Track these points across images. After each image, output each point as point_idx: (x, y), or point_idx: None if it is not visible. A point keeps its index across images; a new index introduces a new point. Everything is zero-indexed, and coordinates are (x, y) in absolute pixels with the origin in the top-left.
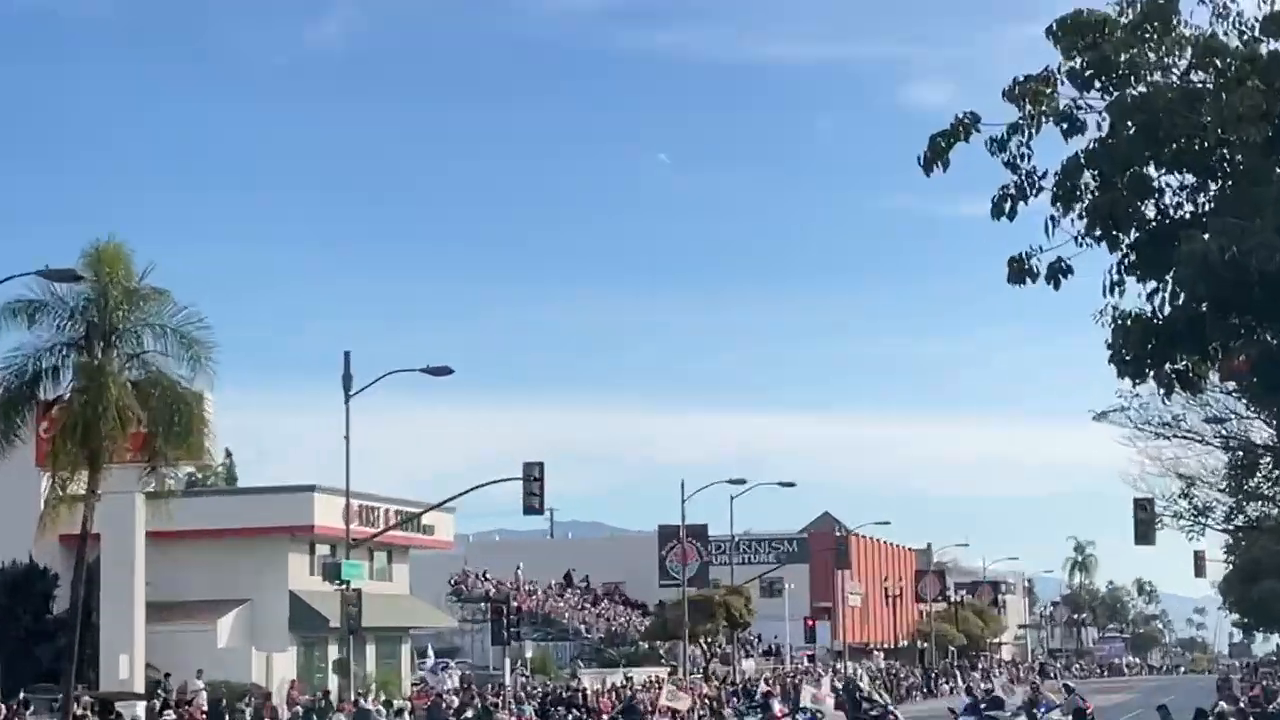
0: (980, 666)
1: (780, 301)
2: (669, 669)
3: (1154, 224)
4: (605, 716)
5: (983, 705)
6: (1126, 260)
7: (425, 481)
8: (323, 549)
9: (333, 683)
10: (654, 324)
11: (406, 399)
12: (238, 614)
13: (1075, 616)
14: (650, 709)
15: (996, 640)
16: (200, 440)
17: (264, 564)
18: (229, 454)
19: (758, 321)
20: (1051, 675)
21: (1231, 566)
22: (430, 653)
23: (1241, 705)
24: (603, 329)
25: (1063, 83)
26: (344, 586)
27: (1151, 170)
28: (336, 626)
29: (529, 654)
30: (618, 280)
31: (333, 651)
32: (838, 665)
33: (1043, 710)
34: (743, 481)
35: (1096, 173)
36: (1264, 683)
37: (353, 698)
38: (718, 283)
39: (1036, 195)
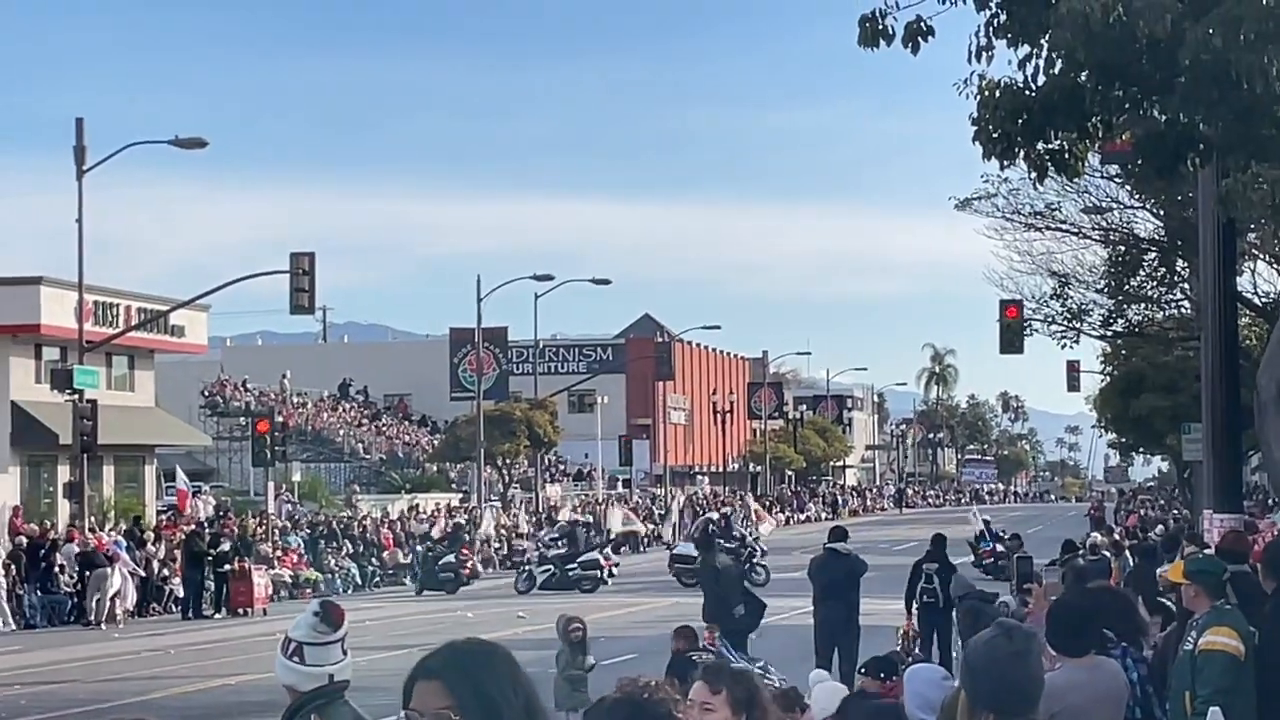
0: (821, 491)
1: (594, 62)
2: (460, 495)
3: None
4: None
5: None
6: (996, 20)
7: (175, 275)
8: (51, 352)
9: (63, 510)
10: (437, 88)
11: (154, 177)
12: None
13: (931, 436)
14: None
15: (840, 463)
16: None
17: None
18: None
19: (564, 86)
20: (904, 503)
21: (1108, 379)
22: (180, 475)
23: (1116, 537)
24: (378, 95)
25: None
26: (76, 397)
27: None
28: (68, 444)
29: (296, 477)
30: (391, 38)
31: (63, 473)
32: (657, 491)
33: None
34: (550, 278)
35: None
36: (1142, 510)
37: (87, 527)
38: (514, 39)
39: None
